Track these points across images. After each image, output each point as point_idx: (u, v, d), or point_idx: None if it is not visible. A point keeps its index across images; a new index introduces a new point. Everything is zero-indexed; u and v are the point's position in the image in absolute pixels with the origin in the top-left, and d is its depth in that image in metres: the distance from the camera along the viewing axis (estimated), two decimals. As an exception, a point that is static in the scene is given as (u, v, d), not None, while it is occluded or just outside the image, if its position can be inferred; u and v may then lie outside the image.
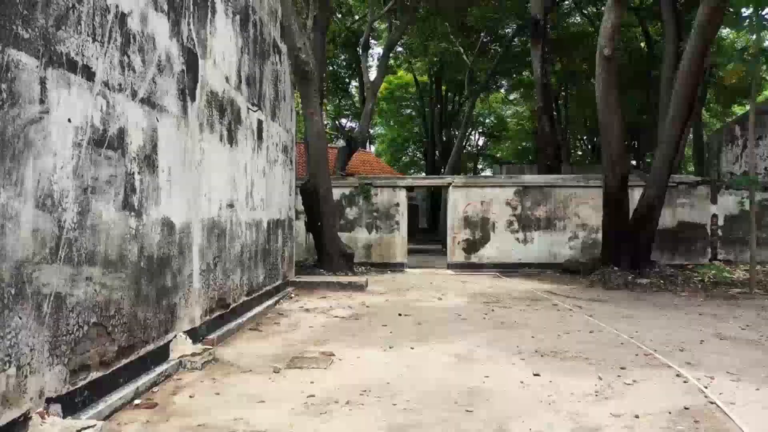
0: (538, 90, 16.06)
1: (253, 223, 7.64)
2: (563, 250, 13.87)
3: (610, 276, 10.87)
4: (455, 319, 7.37)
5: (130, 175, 4.17)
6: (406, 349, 5.69)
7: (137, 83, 4.28)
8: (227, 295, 6.53)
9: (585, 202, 13.84)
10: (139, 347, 4.32)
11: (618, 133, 10.57)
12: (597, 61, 10.45)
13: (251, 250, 7.54)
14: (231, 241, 6.66)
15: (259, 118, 7.90)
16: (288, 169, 9.98)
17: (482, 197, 14.02)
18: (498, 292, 10.16)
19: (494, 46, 27.46)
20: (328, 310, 8.09)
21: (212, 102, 5.97)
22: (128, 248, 4.15)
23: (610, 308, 8.33)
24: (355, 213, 14.20)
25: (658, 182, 10.78)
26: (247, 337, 6.30)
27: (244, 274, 7.24)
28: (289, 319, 7.45)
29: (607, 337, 6.27)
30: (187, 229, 5.32)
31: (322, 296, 9.42)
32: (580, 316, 7.62)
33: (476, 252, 14.03)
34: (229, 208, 6.58)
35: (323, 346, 5.76)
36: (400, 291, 10.22)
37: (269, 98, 8.50)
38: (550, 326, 6.92)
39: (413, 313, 7.86)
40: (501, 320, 7.31)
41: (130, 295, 4.19)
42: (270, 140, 8.55)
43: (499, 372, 4.83)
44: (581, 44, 26.66)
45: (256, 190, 7.77)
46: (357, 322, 7.14)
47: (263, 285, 8.21)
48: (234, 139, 6.75)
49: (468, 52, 24.31)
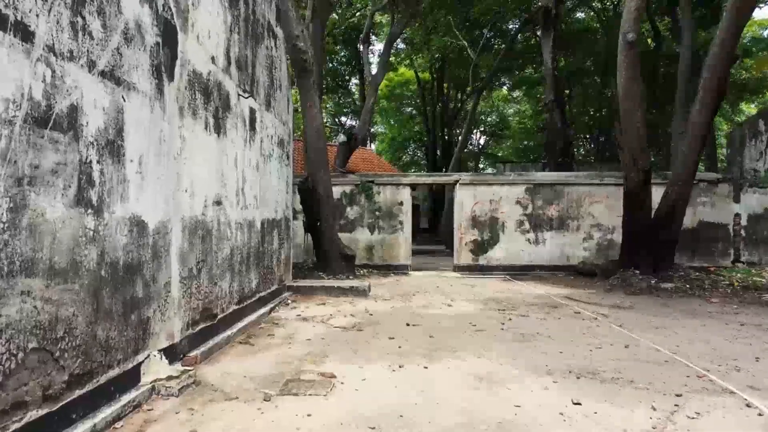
0: (549, 82, 15.27)
1: (245, 223, 6.88)
2: (577, 252, 13.10)
3: (631, 280, 10.11)
4: (469, 330, 6.61)
5: (86, 163, 3.41)
6: (418, 367, 4.93)
7: (96, 52, 3.52)
8: (214, 304, 5.76)
9: (599, 201, 13.08)
10: (98, 374, 3.56)
11: (640, 125, 9.79)
12: (619, 47, 9.68)
13: (243, 253, 6.77)
14: (219, 243, 5.89)
15: (252, 107, 7.14)
16: (285, 165, 9.22)
17: (491, 195, 13.26)
18: (511, 297, 9.40)
19: (498, 42, 26.73)
20: (328, 318, 7.32)
21: (195, 84, 5.21)
22: (84, 253, 3.39)
23: (637, 316, 7.58)
24: (356, 212, 13.43)
25: (683, 178, 10.00)
26: (237, 353, 5.53)
27: (235, 280, 6.47)
28: (285, 329, 6.69)
29: (645, 353, 5.51)
30: (164, 229, 4.55)
31: (322, 302, 8.66)
32: (608, 326, 6.86)
33: (484, 253, 13.27)
34: (216, 205, 5.82)
35: (322, 365, 5.00)
36: (406, 296, 9.46)
37: (263, 85, 7.74)
38: (577, 338, 6.16)
39: (422, 322, 7.10)
40: (521, 331, 6.54)
41: (87, 310, 3.43)
42: (264, 132, 7.79)
43: (532, 399, 4.07)
44: (586, 41, 25.96)
45: (249, 186, 7.00)
46: (360, 334, 6.38)
47: (257, 291, 7.45)
48: (222, 128, 5.98)
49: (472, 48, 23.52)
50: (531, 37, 26.75)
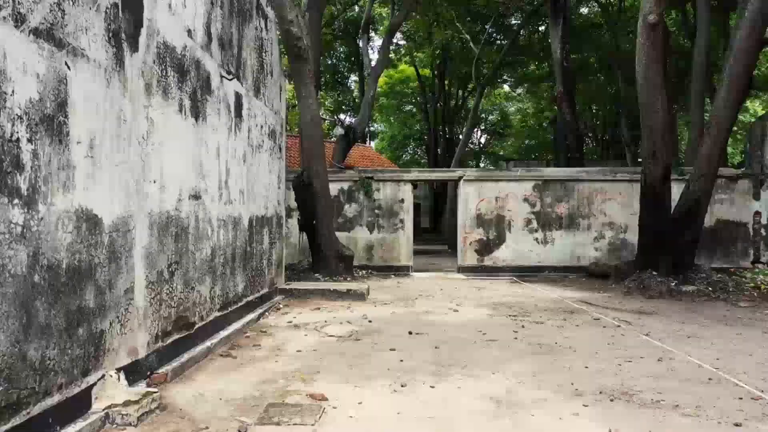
0: (558, 73, 14.55)
1: (230, 220, 6.19)
2: (588, 252, 12.41)
3: (650, 282, 9.40)
4: (480, 340, 5.91)
5: (11, 142, 2.72)
6: (423, 387, 4.23)
7: (25, 4, 2.83)
8: (191, 311, 5.07)
9: (612, 198, 12.38)
10: (29, 404, 2.86)
11: (662, 114, 9.08)
12: (639, 29, 8.97)
13: (227, 254, 6.08)
14: (197, 243, 5.20)
15: (238, 91, 6.44)
16: (276, 158, 8.53)
17: (497, 192, 12.56)
18: (522, 301, 8.71)
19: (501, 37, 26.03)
20: (322, 326, 6.63)
21: (167, 58, 4.51)
22: (7, 254, 2.69)
23: (663, 323, 6.88)
24: (354, 210, 12.73)
25: (705, 172, 9.29)
26: (216, 368, 4.84)
27: (217, 284, 5.78)
28: (274, 339, 6.00)
29: (683, 368, 4.81)
30: (125, 226, 3.86)
31: (316, 307, 7.97)
32: (634, 335, 6.17)
33: (490, 254, 12.57)
34: (194, 200, 5.12)
35: (312, 384, 4.30)
36: (408, 300, 8.76)
37: (251, 69, 7.05)
38: (602, 350, 5.46)
39: (426, 330, 6.40)
40: (538, 341, 5.85)
41: (11, 326, 2.73)
42: (252, 120, 7.09)
43: (563, 430, 3.38)
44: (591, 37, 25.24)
45: (234, 179, 6.31)
46: (357, 345, 5.68)
47: (243, 295, 6.76)
48: (201, 113, 5.29)
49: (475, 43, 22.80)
50: (535, 32, 26.07)
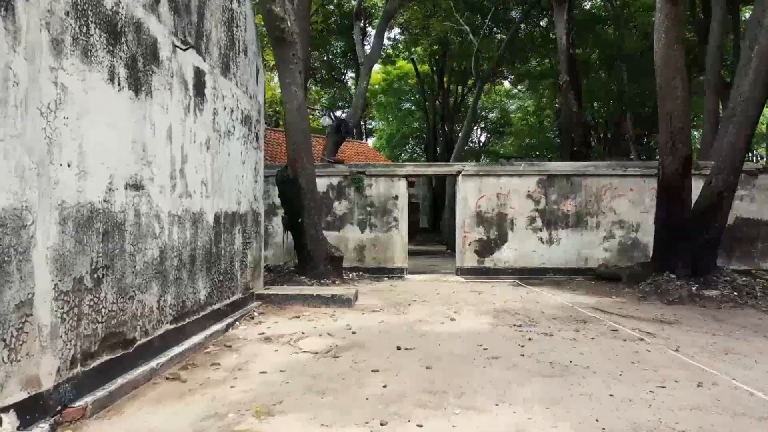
0: (563, 61, 13.61)
1: (188, 216, 5.28)
2: (596, 253, 11.50)
3: (668, 286, 8.51)
4: (481, 357, 5.01)
5: None
6: (409, 426, 3.33)
7: None
8: (128, 326, 4.17)
9: (622, 195, 11.47)
10: None
11: (682, 100, 8.17)
12: (658, 4, 8.06)
13: (183, 255, 5.17)
14: (138, 242, 4.29)
15: (199, 66, 5.54)
16: (252, 147, 7.62)
17: (498, 188, 11.65)
18: (527, 307, 7.80)
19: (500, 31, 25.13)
20: (298, 339, 5.72)
21: (89, 12, 3.61)
22: None
23: (691, 335, 5.98)
24: (344, 207, 11.82)
25: (729, 165, 8.38)
26: (156, 396, 3.93)
27: (168, 291, 4.87)
28: (238, 355, 5.09)
29: (731, 396, 3.91)
30: (18, 220, 2.96)
31: (296, 315, 7.06)
32: (660, 350, 5.27)
33: (491, 255, 11.66)
34: (133, 190, 4.22)
35: (268, 421, 3.40)
36: (400, 307, 7.86)
37: (217, 44, 6.14)
38: (627, 370, 4.56)
39: (418, 344, 5.50)
40: (548, 358, 4.94)
41: None
42: (219, 102, 6.19)
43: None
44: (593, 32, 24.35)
45: (193, 168, 5.41)
46: (334, 364, 4.78)
47: (207, 303, 5.85)
48: (144, 86, 4.39)
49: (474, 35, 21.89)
50: (536, 26, 25.20)
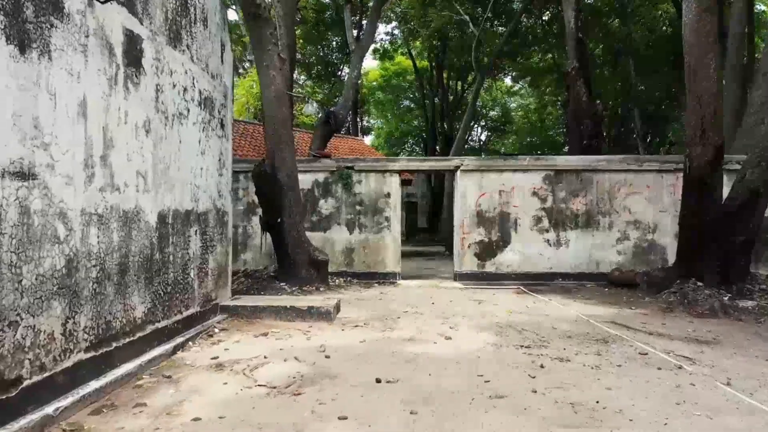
0: (571, 46, 12.50)
1: (114, 215, 4.21)
2: (609, 256, 10.42)
3: (696, 295, 7.44)
4: (482, 396, 3.93)
5: None
6: None
7: None
8: (8, 361, 3.10)
9: (638, 192, 10.39)
10: None
11: (715, 79, 7.09)
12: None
13: (106, 264, 4.10)
14: (25, 249, 3.23)
15: (132, 29, 4.47)
16: (216, 135, 6.55)
17: (500, 185, 10.57)
18: (535, 321, 6.72)
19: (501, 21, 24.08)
20: (257, 366, 4.65)
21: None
22: None
23: (742, 362, 4.89)
24: (331, 206, 10.74)
25: (765, 158, 7.31)
26: (37, 460, 2.86)
27: (81, 311, 3.80)
28: (175, 390, 4.02)
29: (827, 463, 2.84)
30: None
31: (263, 332, 5.99)
32: (708, 384, 4.19)
33: (493, 258, 10.59)
34: (18, 179, 3.15)
35: None
36: (388, 320, 6.77)
37: (162, 6, 5.07)
38: (672, 417, 3.48)
39: (404, 375, 4.42)
40: (568, 397, 3.87)
41: None
42: (166, 78, 5.12)
43: None
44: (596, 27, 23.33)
45: (124, 155, 4.34)
46: (292, 407, 3.70)
47: (147, 322, 4.77)
48: (37, 42, 3.32)
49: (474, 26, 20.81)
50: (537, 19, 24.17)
